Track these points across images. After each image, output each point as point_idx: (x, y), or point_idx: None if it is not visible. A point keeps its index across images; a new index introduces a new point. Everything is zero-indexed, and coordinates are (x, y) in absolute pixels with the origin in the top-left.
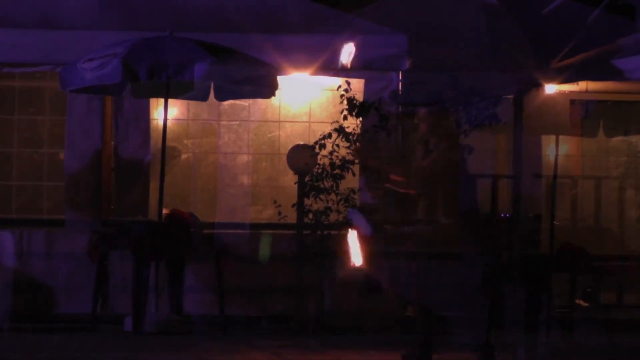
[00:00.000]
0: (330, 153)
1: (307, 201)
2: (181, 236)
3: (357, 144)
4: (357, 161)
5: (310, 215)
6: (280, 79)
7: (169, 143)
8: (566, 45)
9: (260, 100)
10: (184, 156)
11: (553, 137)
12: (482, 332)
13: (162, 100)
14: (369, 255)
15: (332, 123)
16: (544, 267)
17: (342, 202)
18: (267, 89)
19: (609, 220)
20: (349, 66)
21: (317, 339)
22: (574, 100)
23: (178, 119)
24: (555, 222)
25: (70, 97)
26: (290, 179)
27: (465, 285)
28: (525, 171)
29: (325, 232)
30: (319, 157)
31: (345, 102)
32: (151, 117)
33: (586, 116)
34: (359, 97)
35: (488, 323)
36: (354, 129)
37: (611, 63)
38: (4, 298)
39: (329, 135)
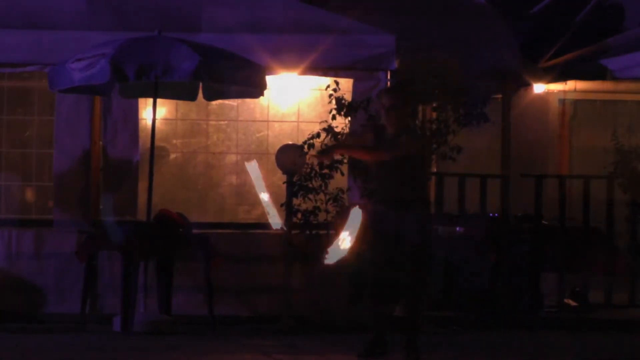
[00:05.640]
0: None
1: (295, 201)
2: (170, 236)
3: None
4: (345, 161)
5: (299, 215)
6: (268, 78)
7: (157, 143)
8: (554, 44)
9: (248, 100)
10: (172, 156)
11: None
12: None
13: (150, 100)
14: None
15: (320, 123)
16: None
17: (330, 201)
18: (256, 88)
19: (598, 219)
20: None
21: (307, 339)
22: (562, 100)
23: (166, 119)
24: (543, 222)
25: (59, 97)
26: (278, 179)
27: None
28: (513, 171)
29: (314, 232)
30: (307, 156)
31: (333, 101)
32: (140, 117)
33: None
34: (348, 96)
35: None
36: (342, 128)
37: (600, 62)
38: None
39: (318, 135)
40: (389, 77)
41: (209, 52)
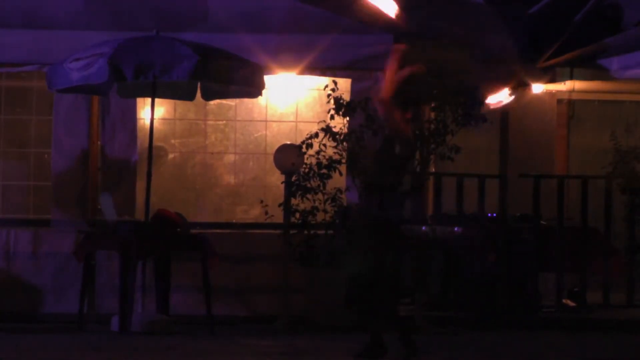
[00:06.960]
0: (317, 152)
1: (294, 201)
2: (168, 236)
3: (344, 143)
4: (344, 161)
5: (297, 215)
6: (267, 78)
7: (155, 143)
8: (553, 44)
9: (247, 100)
10: (170, 156)
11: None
12: None
13: (148, 100)
14: None
15: (318, 123)
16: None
17: (329, 201)
18: (254, 88)
19: (596, 219)
20: None
21: (306, 339)
22: (561, 100)
23: (165, 119)
24: (542, 222)
25: (57, 97)
26: (277, 179)
27: None
28: (511, 171)
29: (312, 232)
30: (305, 156)
31: (332, 101)
32: (138, 116)
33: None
34: (346, 96)
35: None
36: (340, 128)
37: (598, 62)
38: None
39: (316, 135)
40: None
41: (207, 52)
